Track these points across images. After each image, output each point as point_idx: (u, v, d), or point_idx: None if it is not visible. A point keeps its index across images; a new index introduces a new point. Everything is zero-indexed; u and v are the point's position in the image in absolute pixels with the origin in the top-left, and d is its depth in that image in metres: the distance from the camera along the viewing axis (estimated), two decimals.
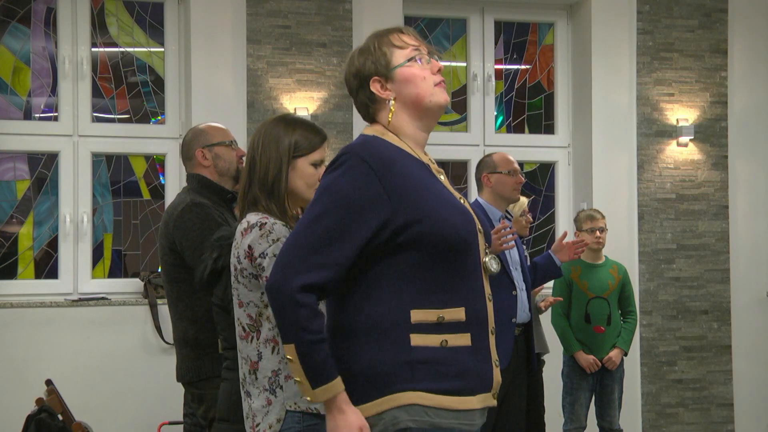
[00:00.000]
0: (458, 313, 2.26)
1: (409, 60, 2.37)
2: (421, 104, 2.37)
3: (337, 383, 2.19)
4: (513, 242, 4.37)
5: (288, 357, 2.20)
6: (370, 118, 2.43)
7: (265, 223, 2.77)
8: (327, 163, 2.96)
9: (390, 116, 2.37)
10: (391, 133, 2.37)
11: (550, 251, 4.78)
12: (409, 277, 2.23)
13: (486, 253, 2.36)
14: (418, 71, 2.36)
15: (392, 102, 2.36)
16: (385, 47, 2.37)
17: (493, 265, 2.36)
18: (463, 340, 2.25)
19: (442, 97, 2.38)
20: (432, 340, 2.22)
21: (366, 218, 2.21)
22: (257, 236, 2.76)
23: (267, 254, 2.74)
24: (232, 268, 2.86)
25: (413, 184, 2.26)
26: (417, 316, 2.22)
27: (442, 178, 2.41)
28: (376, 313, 2.24)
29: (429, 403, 2.21)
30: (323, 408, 2.79)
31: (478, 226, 2.36)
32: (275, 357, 2.80)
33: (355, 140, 2.34)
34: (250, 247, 2.77)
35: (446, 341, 2.23)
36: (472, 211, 2.38)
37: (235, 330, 3.16)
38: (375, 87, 2.37)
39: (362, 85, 2.38)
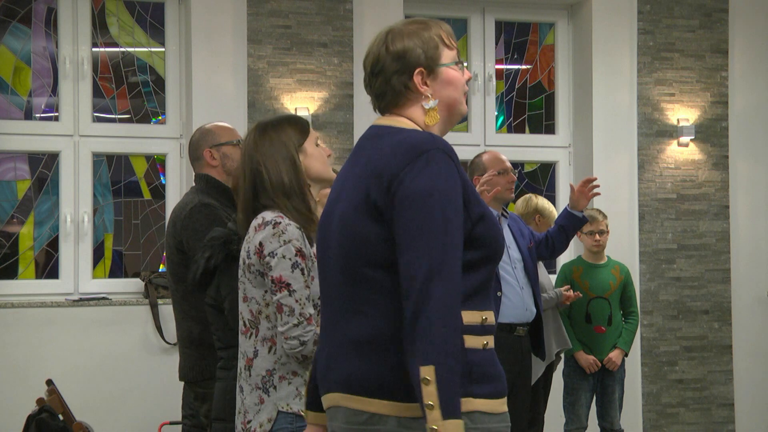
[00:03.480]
0: (492, 316, 2.22)
1: (455, 63, 2.30)
2: (454, 109, 2.30)
3: (462, 425, 2.04)
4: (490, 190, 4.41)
5: (426, 377, 2.02)
6: (392, 106, 2.29)
7: (280, 222, 2.77)
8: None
9: (431, 120, 2.26)
10: (421, 130, 2.26)
11: (567, 207, 4.77)
12: (463, 277, 2.13)
13: None
14: (460, 76, 2.30)
15: (434, 105, 2.26)
16: (437, 39, 2.28)
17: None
18: (492, 342, 2.22)
19: (465, 107, 2.34)
20: (478, 341, 2.17)
21: (460, 214, 2.13)
22: (269, 234, 2.76)
23: (276, 254, 2.74)
24: (241, 262, 2.86)
25: (470, 181, 2.23)
26: (467, 317, 2.15)
27: None
28: None
29: (486, 408, 2.15)
30: None
31: None
32: (271, 356, 2.79)
33: (417, 134, 2.21)
34: (261, 243, 2.76)
35: (487, 343, 2.19)
36: None
37: (228, 328, 3.18)
38: (417, 79, 2.24)
39: (403, 70, 2.25)
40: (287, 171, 2.82)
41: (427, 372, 2.01)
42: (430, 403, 2.01)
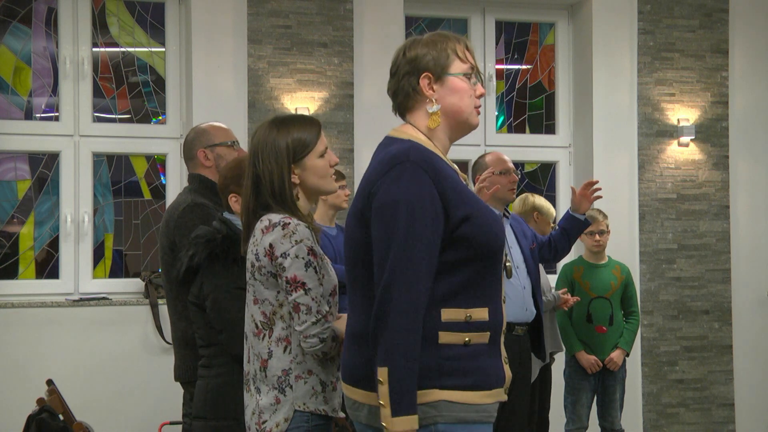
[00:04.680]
0: (483, 313, 2.36)
1: (464, 74, 2.47)
2: (459, 117, 2.47)
3: (416, 420, 2.24)
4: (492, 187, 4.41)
5: (380, 379, 2.23)
6: (403, 108, 2.50)
7: (289, 223, 2.78)
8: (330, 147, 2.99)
9: (432, 123, 2.45)
10: (424, 136, 2.45)
11: (569, 210, 4.77)
12: (443, 277, 2.32)
13: (506, 257, 2.44)
14: (467, 87, 2.47)
15: (437, 109, 2.44)
16: (449, 51, 2.46)
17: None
18: (482, 338, 2.36)
19: (475, 119, 2.51)
20: (458, 338, 2.32)
21: (437, 223, 2.30)
22: (280, 236, 2.76)
23: (289, 254, 2.74)
24: (248, 265, 2.86)
25: (457, 186, 2.37)
26: (447, 314, 2.32)
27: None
28: None
29: (454, 399, 2.31)
30: (330, 409, 2.82)
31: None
32: (287, 356, 2.80)
33: (400, 146, 2.39)
34: (271, 245, 2.77)
35: (470, 340, 2.33)
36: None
37: (210, 326, 3.19)
38: (423, 82, 2.44)
39: (413, 73, 2.45)
40: (278, 181, 2.83)
41: (381, 374, 2.23)
42: (381, 402, 2.24)
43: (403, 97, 2.48)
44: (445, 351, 2.30)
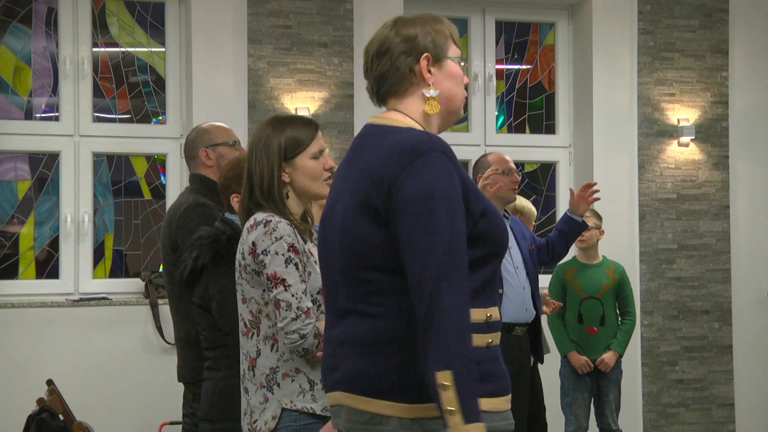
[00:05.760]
0: (496, 312, 2.21)
1: (460, 59, 2.30)
2: (453, 104, 2.30)
3: (484, 428, 2.01)
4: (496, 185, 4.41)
5: (444, 383, 1.99)
6: (393, 91, 2.28)
7: (270, 221, 2.80)
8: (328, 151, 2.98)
9: (431, 109, 2.25)
10: (418, 125, 2.26)
11: (567, 212, 4.76)
12: (468, 276, 2.11)
13: None
14: (461, 74, 2.30)
15: (435, 94, 2.24)
16: (447, 33, 2.28)
17: None
18: (497, 339, 2.21)
19: (462, 109, 2.35)
20: (482, 339, 2.16)
21: (465, 217, 2.12)
22: (261, 233, 2.79)
23: (269, 251, 2.77)
24: (237, 264, 2.89)
25: (468, 178, 2.20)
26: (473, 315, 2.10)
27: None
28: None
29: (490, 407, 2.12)
30: (319, 408, 2.78)
31: None
32: (274, 354, 2.81)
33: (415, 133, 2.19)
34: (254, 243, 2.80)
35: (491, 341, 2.18)
36: None
37: (216, 328, 3.21)
38: (423, 63, 2.23)
39: (410, 52, 2.23)
40: (267, 177, 2.85)
41: (444, 377, 1.99)
42: (450, 408, 1.98)
43: (397, 79, 2.24)
44: (475, 355, 2.07)
